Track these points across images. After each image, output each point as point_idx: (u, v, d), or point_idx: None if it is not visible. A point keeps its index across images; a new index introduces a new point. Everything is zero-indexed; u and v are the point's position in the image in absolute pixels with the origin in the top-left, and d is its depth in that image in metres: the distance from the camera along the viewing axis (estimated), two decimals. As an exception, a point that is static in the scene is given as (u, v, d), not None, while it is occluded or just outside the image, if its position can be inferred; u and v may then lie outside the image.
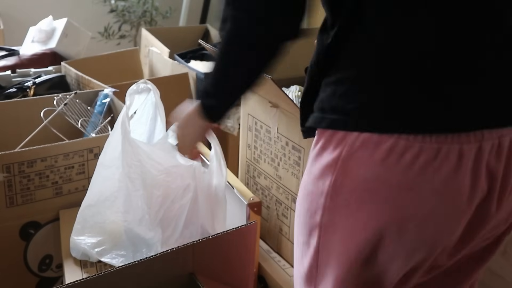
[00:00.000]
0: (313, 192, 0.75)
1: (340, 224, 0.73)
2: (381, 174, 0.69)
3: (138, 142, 1.15)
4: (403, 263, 0.74)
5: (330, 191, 0.72)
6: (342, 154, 0.71)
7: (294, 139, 1.30)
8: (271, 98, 1.35)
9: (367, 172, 0.69)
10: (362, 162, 0.70)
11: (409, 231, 0.71)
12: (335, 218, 0.73)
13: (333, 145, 0.72)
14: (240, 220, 1.25)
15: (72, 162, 1.34)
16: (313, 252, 0.77)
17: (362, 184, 0.70)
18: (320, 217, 0.74)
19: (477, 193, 0.71)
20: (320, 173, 0.74)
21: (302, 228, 0.79)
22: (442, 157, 0.67)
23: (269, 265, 1.37)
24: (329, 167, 0.72)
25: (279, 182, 1.39)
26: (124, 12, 2.97)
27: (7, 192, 1.28)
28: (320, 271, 0.77)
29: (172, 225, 1.15)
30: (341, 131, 0.72)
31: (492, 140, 0.70)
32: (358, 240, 0.72)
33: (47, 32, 2.22)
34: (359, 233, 0.72)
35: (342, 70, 0.74)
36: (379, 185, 0.69)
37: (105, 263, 1.18)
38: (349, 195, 0.71)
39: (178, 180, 1.16)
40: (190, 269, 1.02)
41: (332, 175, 0.72)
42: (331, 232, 0.74)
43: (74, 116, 1.52)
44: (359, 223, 0.72)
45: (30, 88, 1.75)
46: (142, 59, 2.38)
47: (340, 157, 0.71)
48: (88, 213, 1.20)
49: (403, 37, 0.70)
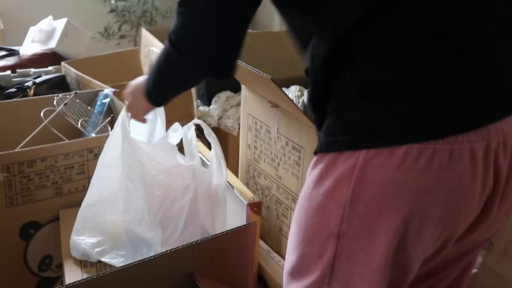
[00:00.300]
0: (327, 204, 0.75)
1: (360, 231, 0.74)
2: (398, 179, 0.70)
3: (138, 142, 1.15)
4: (420, 258, 0.77)
5: (349, 200, 0.73)
6: (358, 163, 0.71)
7: (294, 139, 1.30)
8: (271, 98, 1.35)
9: (384, 178, 0.70)
10: (378, 169, 0.70)
11: (428, 231, 0.72)
12: (354, 226, 0.74)
13: (344, 158, 0.73)
14: (240, 220, 1.25)
15: (72, 162, 1.34)
16: (327, 262, 0.77)
17: (380, 190, 0.71)
18: (338, 227, 0.74)
19: (486, 190, 0.73)
20: (334, 184, 0.74)
21: (309, 242, 0.79)
22: (456, 157, 0.69)
23: (269, 265, 1.37)
24: (345, 177, 0.73)
25: (279, 182, 1.39)
26: (124, 12, 2.97)
27: (7, 192, 1.28)
28: (336, 277, 0.77)
29: (172, 225, 1.15)
30: (349, 151, 0.73)
31: (498, 137, 0.71)
32: (380, 242, 0.73)
33: (47, 32, 2.22)
34: (380, 237, 0.72)
35: (341, 94, 0.76)
36: (397, 190, 0.70)
37: (105, 263, 1.18)
38: (368, 202, 0.72)
39: (178, 180, 1.16)
40: (190, 269, 1.02)
41: (349, 184, 0.72)
42: (350, 239, 0.74)
43: (74, 116, 1.52)
44: (380, 227, 0.72)
45: (30, 88, 1.75)
46: (142, 59, 2.38)
47: (356, 166, 0.71)
48: (88, 213, 1.20)
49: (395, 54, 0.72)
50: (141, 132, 1.26)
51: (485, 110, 0.72)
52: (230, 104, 2.13)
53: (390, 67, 0.72)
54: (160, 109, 1.25)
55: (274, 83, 1.19)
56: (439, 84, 0.70)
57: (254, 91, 1.44)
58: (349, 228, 0.74)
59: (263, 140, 1.43)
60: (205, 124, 1.24)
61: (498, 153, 0.72)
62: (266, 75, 1.20)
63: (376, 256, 0.74)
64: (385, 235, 0.72)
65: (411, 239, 0.73)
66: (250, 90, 1.46)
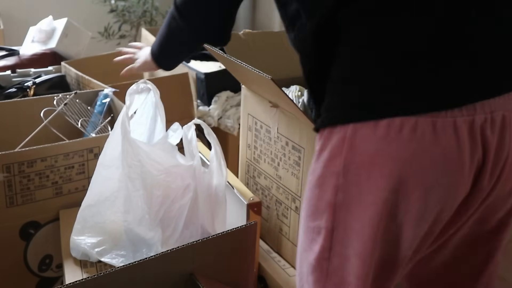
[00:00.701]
0: (325, 175, 0.79)
1: (353, 200, 0.77)
2: (383, 148, 0.73)
3: (138, 142, 1.15)
4: (412, 233, 0.78)
5: (342, 169, 0.76)
6: (347, 134, 0.75)
7: (294, 139, 1.30)
8: (271, 98, 1.35)
9: (371, 148, 0.74)
10: (365, 138, 0.74)
11: (415, 201, 0.75)
12: (348, 195, 0.77)
13: (337, 130, 0.77)
14: (240, 220, 1.25)
15: (72, 162, 1.34)
16: (325, 234, 0.80)
17: (368, 159, 0.75)
18: (334, 197, 0.78)
19: (475, 165, 0.75)
20: (329, 156, 0.78)
21: (312, 214, 0.82)
22: (439, 130, 0.72)
23: (269, 265, 1.37)
24: (338, 148, 0.77)
25: (279, 182, 1.39)
26: (124, 12, 2.97)
27: (7, 192, 1.28)
28: (334, 251, 0.80)
29: (172, 225, 1.15)
30: (341, 125, 0.77)
31: (485, 114, 0.73)
32: (371, 213, 0.76)
33: (47, 32, 2.22)
34: (371, 206, 0.75)
35: (335, 71, 0.79)
36: (383, 159, 0.74)
37: (105, 263, 1.18)
38: (358, 171, 0.76)
39: (178, 180, 1.16)
40: (190, 269, 1.02)
41: (341, 154, 0.76)
42: (344, 209, 0.78)
43: (74, 116, 1.52)
44: (369, 197, 0.75)
45: (30, 88, 1.75)
46: (142, 59, 2.37)
47: (346, 137, 0.75)
48: (88, 213, 1.20)
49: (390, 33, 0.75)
50: (141, 132, 1.26)
51: (470, 88, 0.74)
52: (230, 104, 2.13)
53: (375, 46, 0.75)
54: (160, 109, 1.25)
55: (274, 83, 1.19)
56: (425, 63, 0.73)
57: (254, 91, 1.44)
58: (344, 197, 0.77)
59: (263, 140, 1.43)
60: (205, 124, 1.24)
61: (485, 129, 0.74)
62: (266, 75, 1.20)
63: (367, 228, 0.76)
64: (374, 205, 0.75)
65: (400, 209, 0.75)
66: (250, 90, 1.46)
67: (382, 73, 0.75)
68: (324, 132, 0.79)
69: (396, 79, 0.74)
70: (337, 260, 0.80)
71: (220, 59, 1.45)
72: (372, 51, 0.76)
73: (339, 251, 0.80)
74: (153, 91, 1.26)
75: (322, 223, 0.80)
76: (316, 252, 0.82)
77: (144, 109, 1.28)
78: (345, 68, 0.78)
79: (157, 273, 0.98)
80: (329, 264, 0.81)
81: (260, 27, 3.07)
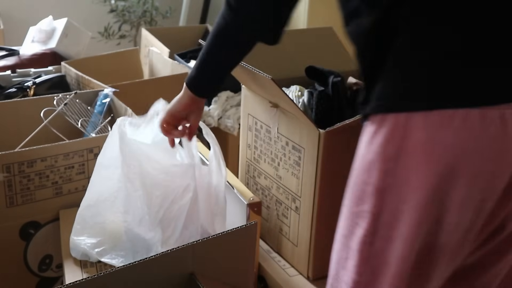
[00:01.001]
0: (375, 161, 0.82)
1: (402, 185, 0.80)
2: (434, 136, 0.77)
3: (138, 142, 1.15)
4: (456, 220, 0.81)
5: (393, 154, 0.80)
6: (400, 120, 0.79)
7: (294, 139, 1.30)
8: (271, 98, 1.35)
9: (422, 135, 0.78)
10: (417, 126, 0.78)
11: (461, 187, 0.78)
12: (397, 180, 0.80)
13: (389, 117, 0.81)
14: (240, 220, 1.25)
15: (72, 162, 1.34)
16: (371, 218, 0.83)
17: (420, 146, 0.78)
18: (381, 182, 0.82)
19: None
20: (381, 142, 0.82)
21: (357, 199, 0.86)
22: (488, 120, 0.76)
23: (269, 265, 1.37)
24: (390, 134, 0.80)
25: (279, 182, 1.39)
26: (124, 12, 2.97)
27: (7, 192, 1.28)
28: (379, 235, 0.83)
29: (172, 225, 1.15)
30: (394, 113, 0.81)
31: None
32: (419, 198, 0.79)
33: (47, 32, 2.22)
34: (419, 191, 0.79)
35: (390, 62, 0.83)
36: (433, 146, 0.78)
37: (105, 263, 1.18)
38: (409, 157, 0.79)
39: (177, 180, 1.16)
40: (190, 269, 1.02)
41: (393, 140, 0.80)
42: (393, 194, 0.81)
43: (74, 116, 1.52)
44: (418, 182, 0.79)
45: (30, 88, 1.75)
46: (142, 59, 2.38)
47: (399, 124, 0.79)
48: (88, 213, 1.20)
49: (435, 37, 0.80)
50: (141, 132, 1.26)
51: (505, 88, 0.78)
52: (230, 104, 2.13)
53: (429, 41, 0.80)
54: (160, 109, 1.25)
55: (274, 83, 1.19)
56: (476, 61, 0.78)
57: (254, 91, 1.44)
58: (393, 182, 0.80)
59: (263, 140, 1.43)
60: (204, 124, 1.24)
61: None
62: (266, 75, 1.20)
63: (413, 212, 0.80)
64: (423, 190, 0.79)
65: (446, 195, 0.78)
66: (250, 90, 1.46)
67: (436, 67, 0.79)
68: (376, 118, 0.83)
69: (449, 73, 0.78)
70: (381, 243, 0.83)
71: None
72: (426, 46, 0.80)
73: (383, 235, 0.83)
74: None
75: (368, 207, 0.84)
76: (359, 237, 0.85)
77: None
78: (400, 60, 0.82)
79: (157, 273, 0.98)
80: (371, 248, 0.84)
81: (260, 27, 3.06)
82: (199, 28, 2.85)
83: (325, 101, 1.39)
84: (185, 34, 2.76)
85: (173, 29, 2.90)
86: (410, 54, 0.81)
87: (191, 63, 2.28)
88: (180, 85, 1.92)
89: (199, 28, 2.86)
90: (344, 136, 1.24)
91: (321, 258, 1.33)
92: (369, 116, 0.85)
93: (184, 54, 2.40)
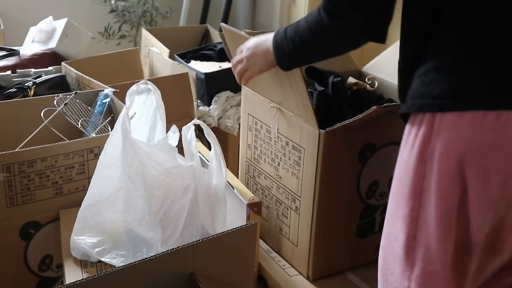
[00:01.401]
0: (413, 162, 0.84)
1: (436, 186, 0.82)
2: (467, 136, 0.79)
3: (139, 142, 1.15)
4: (484, 219, 0.82)
5: (429, 155, 0.82)
6: (435, 120, 0.81)
7: (294, 139, 1.31)
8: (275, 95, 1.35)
9: (455, 135, 0.80)
10: (451, 126, 0.80)
11: (493, 186, 0.80)
12: (432, 181, 0.82)
13: (426, 117, 0.83)
14: (240, 220, 1.25)
15: (72, 162, 1.34)
16: (410, 222, 0.85)
17: (452, 146, 0.80)
18: (419, 184, 0.84)
19: None
20: (418, 143, 0.83)
21: (398, 203, 0.87)
22: None
23: (269, 265, 1.37)
24: (426, 134, 0.83)
25: (279, 182, 1.39)
26: (124, 12, 2.97)
27: (7, 192, 1.28)
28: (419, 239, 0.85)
29: (172, 225, 1.15)
30: (430, 113, 0.83)
31: None
32: (452, 198, 0.81)
33: (47, 32, 2.22)
34: (452, 191, 0.81)
35: (427, 63, 0.86)
36: (466, 146, 0.80)
37: (105, 263, 1.18)
38: (443, 157, 0.81)
39: (178, 181, 1.16)
40: (190, 269, 1.02)
41: (429, 141, 0.82)
42: (429, 195, 0.83)
43: (74, 116, 1.52)
44: (451, 182, 0.81)
45: (30, 88, 1.75)
46: (142, 59, 2.38)
47: (434, 123, 0.81)
48: (88, 213, 1.20)
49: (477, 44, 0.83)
50: (141, 132, 1.26)
51: None
52: (230, 104, 2.13)
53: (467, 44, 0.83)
54: (160, 109, 1.25)
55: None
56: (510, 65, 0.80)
57: (255, 90, 1.44)
58: (429, 183, 0.82)
59: (263, 140, 1.43)
60: (205, 124, 1.24)
61: None
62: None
63: (449, 212, 0.82)
64: (456, 189, 0.81)
65: (478, 194, 0.80)
66: (251, 90, 1.46)
67: (469, 69, 0.81)
68: (414, 118, 0.85)
69: (483, 75, 0.80)
70: (422, 247, 0.85)
71: (235, 44, 1.41)
72: (463, 49, 0.83)
73: (423, 238, 0.84)
74: (154, 92, 1.26)
75: (407, 211, 0.85)
76: (402, 241, 0.86)
77: (144, 109, 1.28)
78: (437, 60, 0.84)
79: (157, 273, 0.98)
80: (415, 253, 0.85)
81: (260, 27, 3.07)
82: (199, 28, 2.85)
83: (325, 101, 1.39)
84: (185, 34, 2.76)
85: (173, 29, 2.90)
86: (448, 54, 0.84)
87: (191, 63, 2.28)
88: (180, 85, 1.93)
89: (199, 28, 2.86)
90: (344, 136, 1.24)
91: (321, 258, 1.33)
92: (409, 114, 0.87)
93: (184, 54, 2.41)
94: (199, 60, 2.34)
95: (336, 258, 1.36)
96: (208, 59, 2.38)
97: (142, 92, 1.27)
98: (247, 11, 3.24)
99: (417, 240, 0.85)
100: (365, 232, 1.37)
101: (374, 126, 1.27)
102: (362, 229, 1.36)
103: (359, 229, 1.36)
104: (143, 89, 1.27)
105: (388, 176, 1.35)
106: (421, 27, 0.88)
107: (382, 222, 1.39)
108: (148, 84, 1.27)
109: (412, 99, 0.87)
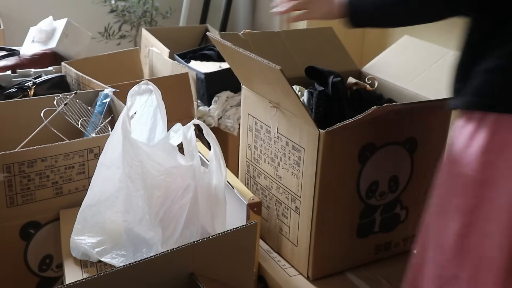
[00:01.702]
0: (472, 153, 0.86)
1: (501, 176, 0.84)
2: None
3: (139, 142, 1.15)
4: None
5: (493, 147, 0.84)
6: (498, 118, 0.85)
7: (294, 139, 1.31)
8: (273, 94, 1.35)
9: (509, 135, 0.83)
10: (506, 124, 0.84)
11: None
12: (496, 172, 0.84)
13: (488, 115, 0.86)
14: (240, 220, 1.25)
15: (72, 162, 1.34)
16: (466, 211, 0.87)
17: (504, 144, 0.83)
18: (480, 174, 0.86)
19: None
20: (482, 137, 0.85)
21: (452, 193, 0.89)
22: None
23: (269, 265, 1.37)
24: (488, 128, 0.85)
25: (279, 182, 1.39)
26: (124, 12, 2.97)
27: (7, 192, 1.28)
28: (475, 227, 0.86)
29: (172, 225, 1.15)
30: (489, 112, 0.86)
31: None
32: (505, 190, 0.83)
33: (47, 32, 2.22)
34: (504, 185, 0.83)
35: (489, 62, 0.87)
36: None
37: (105, 263, 1.18)
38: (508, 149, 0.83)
39: (178, 181, 1.16)
40: (190, 269, 1.02)
41: (492, 134, 0.85)
42: (492, 186, 0.85)
43: (74, 116, 1.52)
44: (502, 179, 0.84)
45: (30, 88, 1.75)
46: (142, 59, 2.38)
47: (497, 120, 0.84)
48: (89, 213, 1.20)
49: None
50: (141, 132, 1.26)
51: None
52: (230, 104, 2.13)
53: None
54: (161, 109, 1.25)
55: (282, 74, 1.18)
56: None
57: (255, 91, 1.44)
58: (492, 174, 0.84)
59: (263, 140, 1.43)
60: (204, 124, 1.24)
61: None
62: (275, 65, 1.18)
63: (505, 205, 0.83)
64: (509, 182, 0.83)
65: None
66: (251, 90, 1.46)
67: None
68: (473, 115, 0.88)
69: None
70: (477, 236, 0.86)
71: (225, 53, 1.44)
72: None
73: (480, 227, 0.85)
74: (155, 92, 1.26)
75: (463, 201, 0.86)
76: (454, 229, 0.87)
77: (144, 109, 1.28)
78: (499, 61, 0.86)
79: (157, 273, 0.98)
80: (467, 241, 0.86)
81: (260, 27, 3.07)
82: (199, 28, 2.85)
83: (325, 101, 1.39)
84: (185, 34, 2.76)
85: (173, 29, 2.90)
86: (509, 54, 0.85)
87: (191, 63, 2.28)
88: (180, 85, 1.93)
89: (199, 28, 2.86)
90: (344, 136, 1.24)
91: (321, 258, 1.33)
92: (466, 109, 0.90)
93: (184, 54, 2.41)
94: (199, 60, 2.34)
95: (336, 258, 1.36)
96: (208, 59, 2.38)
97: (143, 93, 1.27)
98: (247, 11, 3.24)
99: (473, 229, 0.86)
100: (365, 232, 1.37)
101: (374, 126, 1.27)
102: (362, 229, 1.36)
103: (359, 229, 1.36)
104: (144, 90, 1.27)
105: (388, 176, 1.35)
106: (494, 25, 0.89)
107: (382, 222, 1.40)
108: (149, 84, 1.27)
109: (474, 95, 0.88)
